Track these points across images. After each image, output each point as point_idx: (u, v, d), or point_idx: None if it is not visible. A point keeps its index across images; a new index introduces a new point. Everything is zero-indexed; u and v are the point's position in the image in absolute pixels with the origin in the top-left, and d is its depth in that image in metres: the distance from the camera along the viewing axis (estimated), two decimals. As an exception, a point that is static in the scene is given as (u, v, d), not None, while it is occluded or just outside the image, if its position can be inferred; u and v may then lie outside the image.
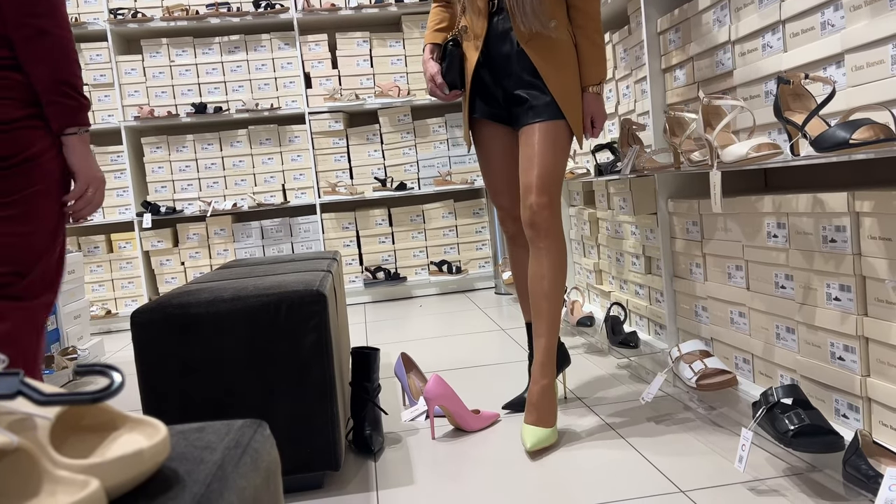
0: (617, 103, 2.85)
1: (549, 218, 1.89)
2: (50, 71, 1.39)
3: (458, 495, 1.64)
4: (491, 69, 2.00)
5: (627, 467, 1.70)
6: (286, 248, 4.63)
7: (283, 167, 4.61)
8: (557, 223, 1.90)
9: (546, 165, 1.89)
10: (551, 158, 1.90)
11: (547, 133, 1.91)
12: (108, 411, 0.62)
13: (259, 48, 4.60)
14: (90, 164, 1.47)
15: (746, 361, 1.95)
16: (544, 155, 1.90)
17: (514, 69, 1.95)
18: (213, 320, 1.64)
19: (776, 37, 1.76)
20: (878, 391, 1.44)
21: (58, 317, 3.27)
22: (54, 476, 0.52)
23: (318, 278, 1.80)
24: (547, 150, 1.90)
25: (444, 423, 2.11)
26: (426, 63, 2.07)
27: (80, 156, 1.45)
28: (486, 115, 2.05)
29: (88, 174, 1.46)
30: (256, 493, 0.64)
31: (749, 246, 1.86)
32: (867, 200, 1.42)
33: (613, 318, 2.66)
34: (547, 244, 1.89)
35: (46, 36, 1.38)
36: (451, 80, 2.04)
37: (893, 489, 1.17)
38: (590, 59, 1.96)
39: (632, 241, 2.69)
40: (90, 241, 4.51)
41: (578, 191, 3.41)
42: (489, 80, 2.01)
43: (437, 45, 2.09)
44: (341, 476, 1.81)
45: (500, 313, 3.82)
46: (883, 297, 1.41)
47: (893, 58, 1.37)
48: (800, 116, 1.47)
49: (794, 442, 1.43)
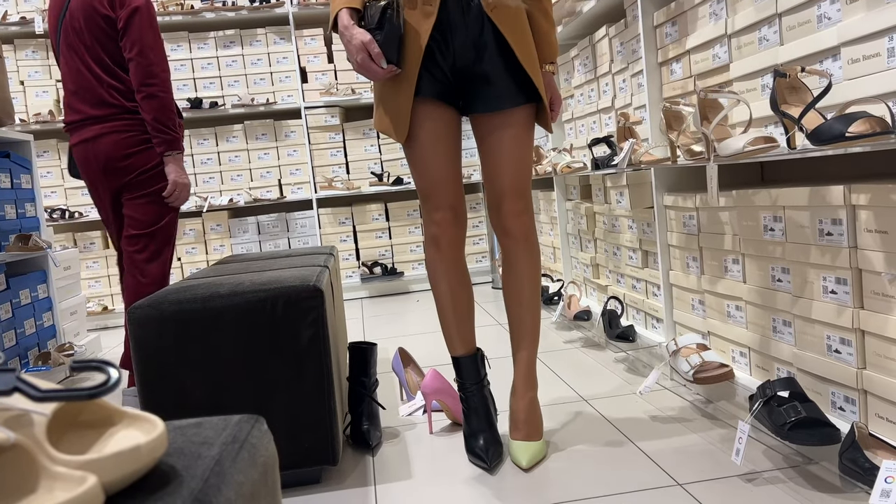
0: (613, 97, 2.84)
1: (527, 224, 1.75)
2: (154, 118, 2.30)
3: (456, 489, 1.64)
4: (443, 38, 1.68)
5: (624, 460, 1.71)
6: (283, 243, 4.62)
7: (280, 162, 4.61)
8: (534, 228, 1.78)
9: (522, 165, 1.72)
10: (527, 154, 1.73)
11: (520, 123, 1.71)
12: (105, 407, 0.62)
13: (254, 43, 4.59)
14: (178, 175, 2.38)
15: (743, 355, 1.95)
16: (520, 150, 1.71)
17: (476, 40, 1.66)
18: (210, 316, 1.63)
19: (772, 30, 1.76)
20: (875, 384, 1.45)
21: (54, 313, 3.26)
22: (51, 472, 0.52)
23: (314, 273, 1.80)
24: (522, 145, 1.71)
25: (442, 418, 2.11)
26: (349, 30, 1.63)
27: (172, 169, 2.37)
28: (433, 93, 1.71)
29: (176, 181, 2.38)
30: (254, 488, 0.64)
31: (746, 239, 1.86)
32: (863, 193, 1.42)
33: (610, 311, 2.66)
34: (526, 253, 1.76)
35: (154, 97, 2.30)
36: (389, 53, 1.64)
37: (889, 481, 1.18)
38: (546, 33, 1.74)
39: (628, 234, 2.69)
40: (86, 238, 4.50)
41: (575, 185, 3.41)
42: (438, 51, 1.68)
43: (355, 10, 1.66)
44: (339, 471, 1.82)
45: (497, 307, 3.83)
46: (879, 290, 1.42)
47: (890, 51, 1.37)
48: (796, 110, 1.47)
49: (790, 435, 1.43)
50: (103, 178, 2.37)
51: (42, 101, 4.46)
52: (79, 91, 2.34)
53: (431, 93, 1.71)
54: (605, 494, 1.54)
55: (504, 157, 1.72)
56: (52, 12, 2.41)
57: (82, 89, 2.33)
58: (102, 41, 2.30)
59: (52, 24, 2.42)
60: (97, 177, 2.38)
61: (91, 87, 2.31)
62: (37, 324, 3.09)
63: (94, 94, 2.31)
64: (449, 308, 1.84)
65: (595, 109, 3.05)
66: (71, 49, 2.33)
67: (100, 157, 2.33)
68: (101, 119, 2.32)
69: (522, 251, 1.76)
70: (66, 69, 2.38)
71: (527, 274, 1.78)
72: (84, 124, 2.34)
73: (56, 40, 2.41)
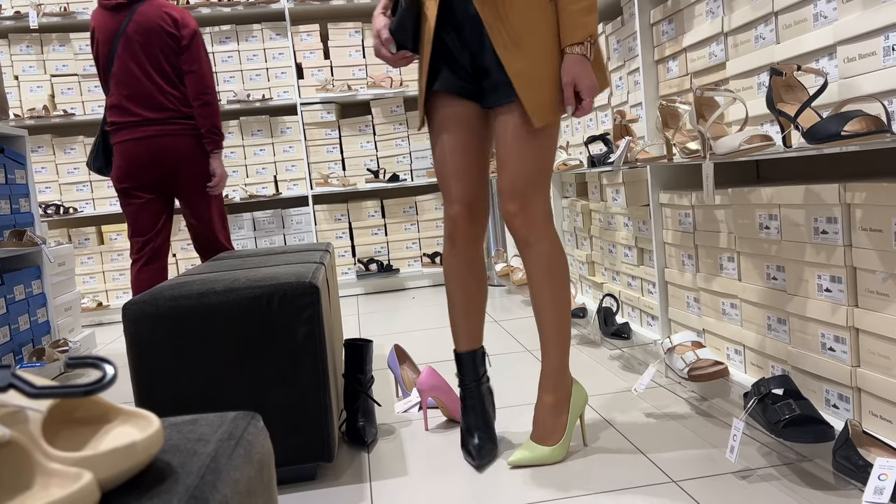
0: (610, 94, 2.85)
1: (522, 226, 1.66)
2: (208, 122, 2.79)
3: (451, 486, 1.65)
4: (456, 30, 1.65)
5: (619, 458, 1.71)
6: (278, 239, 4.62)
7: (275, 158, 4.60)
8: (537, 228, 1.67)
9: (520, 163, 1.64)
10: (526, 151, 1.64)
11: (517, 118, 1.62)
12: (101, 404, 0.62)
13: (250, 38, 4.57)
14: (219, 168, 2.88)
15: (738, 352, 1.96)
16: (518, 147, 1.64)
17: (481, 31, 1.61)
18: (206, 312, 1.63)
19: (769, 28, 1.77)
20: (868, 381, 1.45)
21: (48, 309, 3.25)
22: (47, 469, 0.52)
23: (310, 270, 1.80)
24: (520, 141, 1.63)
25: (438, 415, 2.12)
26: (375, 18, 1.71)
27: (218, 164, 2.87)
28: (450, 87, 1.69)
29: (222, 174, 2.88)
30: (250, 485, 0.64)
31: (741, 237, 1.87)
32: (858, 192, 1.43)
33: (606, 309, 2.67)
34: (529, 257, 1.69)
35: (209, 105, 2.79)
36: (401, 38, 1.66)
37: (883, 478, 1.19)
38: (563, 9, 1.57)
39: (624, 232, 2.70)
40: (81, 233, 4.48)
41: (571, 182, 3.41)
42: (454, 45, 1.66)
43: None
44: (334, 467, 1.82)
45: (492, 305, 3.83)
46: (873, 288, 1.42)
47: (885, 50, 1.38)
48: (792, 108, 1.48)
49: (784, 432, 1.44)
50: (153, 170, 2.77)
51: (36, 96, 4.44)
52: (134, 96, 2.74)
53: (447, 86, 1.69)
54: (599, 491, 1.55)
55: (502, 154, 1.67)
56: (109, 26, 2.76)
57: (140, 95, 2.74)
58: (166, 55, 2.75)
59: (106, 38, 2.77)
60: (146, 169, 2.77)
61: (150, 93, 2.74)
62: (31, 320, 3.08)
63: (153, 99, 2.75)
64: (458, 304, 1.83)
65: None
66: (131, 60, 2.74)
67: (152, 152, 2.74)
68: (162, 122, 2.75)
69: (526, 255, 1.71)
70: (123, 76, 2.75)
71: (535, 279, 1.70)
72: (139, 124, 2.74)
73: (109, 51, 2.77)
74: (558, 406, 1.73)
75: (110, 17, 2.75)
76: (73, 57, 4.46)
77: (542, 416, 1.73)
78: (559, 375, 1.73)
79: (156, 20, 2.72)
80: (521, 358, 2.68)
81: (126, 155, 2.77)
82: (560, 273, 1.71)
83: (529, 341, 2.92)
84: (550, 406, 1.73)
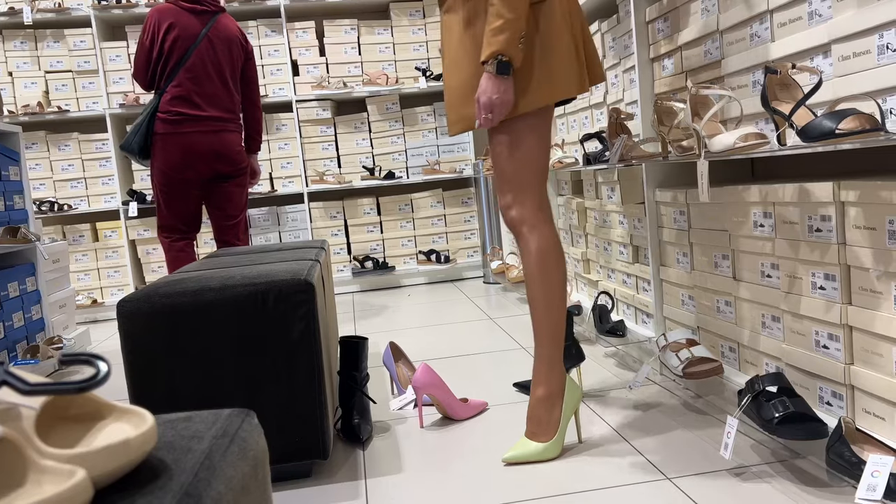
0: (605, 92, 2.85)
1: (511, 220, 1.76)
2: (259, 126, 3.32)
3: (446, 483, 1.65)
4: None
5: (614, 455, 1.72)
6: (273, 237, 4.61)
7: (271, 155, 4.59)
8: (526, 222, 1.74)
9: (501, 161, 1.74)
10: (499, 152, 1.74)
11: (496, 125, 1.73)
12: (95, 401, 0.62)
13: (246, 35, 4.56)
14: (257, 166, 3.39)
15: (732, 350, 1.96)
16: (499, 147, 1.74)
17: None
18: (201, 309, 1.63)
19: (764, 26, 1.77)
20: (862, 379, 1.46)
21: (43, 306, 3.24)
22: (40, 466, 0.51)
23: (305, 267, 1.79)
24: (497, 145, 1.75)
25: (433, 412, 2.12)
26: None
27: (255, 163, 3.36)
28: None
29: (255, 170, 3.38)
30: (244, 482, 0.64)
31: (735, 235, 1.87)
32: (852, 190, 1.43)
33: (601, 306, 2.67)
34: (523, 244, 1.76)
35: (260, 110, 3.31)
36: None
37: (876, 475, 1.19)
38: (485, 31, 1.63)
39: (619, 230, 2.70)
40: (75, 230, 4.47)
41: (566, 180, 3.41)
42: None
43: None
44: (329, 465, 1.82)
45: (488, 303, 3.83)
46: (867, 285, 1.43)
47: (880, 48, 1.38)
48: (787, 106, 1.48)
49: (778, 429, 1.44)
50: (213, 164, 3.06)
51: (30, 92, 4.42)
52: (205, 93, 3.04)
53: None
54: (594, 488, 1.55)
55: (492, 154, 1.78)
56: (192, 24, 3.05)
57: (210, 94, 3.06)
58: (235, 64, 3.16)
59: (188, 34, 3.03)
60: (201, 161, 3.03)
61: (219, 94, 3.08)
62: (25, 317, 3.07)
63: (222, 101, 3.09)
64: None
65: (587, 105, 3.06)
66: (210, 61, 3.06)
67: (215, 146, 3.05)
68: (224, 120, 3.09)
69: (520, 247, 1.77)
70: (199, 72, 3.03)
71: (528, 270, 1.76)
72: (206, 120, 3.04)
73: (188, 47, 3.03)
74: (551, 399, 1.74)
75: (195, 18, 3.07)
76: (67, 53, 4.44)
77: (535, 410, 1.75)
78: (549, 367, 1.75)
79: (234, 31, 3.16)
80: (517, 355, 2.69)
81: (188, 146, 3.00)
82: (552, 266, 1.74)
83: (525, 339, 2.93)
84: (543, 399, 1.74)
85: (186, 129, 3.00)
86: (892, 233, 1.35)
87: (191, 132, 3.01)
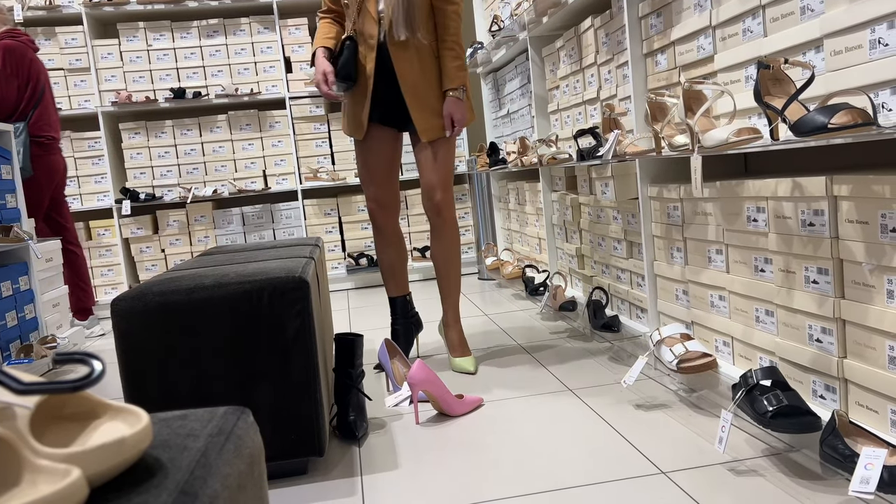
0: (599, 88, 2.85)
1: (438, 203, 2.45)
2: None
3: (442, 479, 1.65)
4: (382, 72, 2.36)
5: (609, 449, 1.72)
6: (268, 234, 4.60)
7: (264, 153, 4.58)
8: (449, 205, 2.46)
9: (441, 168, 2.43)
10: (431, 159, 2.43)
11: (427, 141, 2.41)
12: (89, 400, 0.62)
13: (238, 32, 4.54)
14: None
15: (726, 344, 1.97)
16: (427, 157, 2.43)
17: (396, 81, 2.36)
18: (195, 308, 1.63)
19: (756, 21, 1.77)
20: (855, 372, 1.46)
21: (36, 305, 3.23)
22: (35, 465, 0.51)
23: (300, 265, 1.79)
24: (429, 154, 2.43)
25: (428, 408, 2.12)
26: (319, 60, 2.36)
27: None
28: (378, 118, 2.45)
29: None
30: (240, 480, 0.64)
31: (729, 230, 1.88)
32: (845, 184, 1.44)
33: (595, 302, 2.68)
34: (449, 228, 2.48)
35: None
36: (347, 72, 2.34)
37: (869, 468, 1.20)
38: (448, 66, 2.36)
39: (613, 225, 2.70)
40: (68, 229, 4.45)
41: (561, 176, 3.41)
42: (381, 84, 2.38)
43: (328, 48, 2.40)
44: (325, 462, 1.82)
45: (482, 298, 3.83)
46: (860, 279, 1.43)
47: (871, 42, 1.39)
48: (779, 101, 1.48)
49: (772, 423, 1.45)
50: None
51: (22, 90, 4.39)
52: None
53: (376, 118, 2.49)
54: (589, 483, 1.56)
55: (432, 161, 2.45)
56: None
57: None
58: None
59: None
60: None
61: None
62: (18, 316, 3.06)
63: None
64: (384, 270, 2.73)
65: (580, 101, 3.06)
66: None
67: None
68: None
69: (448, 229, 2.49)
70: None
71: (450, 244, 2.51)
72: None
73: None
74: (460, 331, 2.56)
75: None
76: (58, 51, 4.42)
77: (454, 339, 2.54)
78: (456, 310, 2.56)
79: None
80: (512, 352, 2.69)
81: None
82: (458, 240, 2.54)
83: (520, 336, 2.93)
84: (457, 331, 2.55)
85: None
86: (884, 227, 1.35)
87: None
